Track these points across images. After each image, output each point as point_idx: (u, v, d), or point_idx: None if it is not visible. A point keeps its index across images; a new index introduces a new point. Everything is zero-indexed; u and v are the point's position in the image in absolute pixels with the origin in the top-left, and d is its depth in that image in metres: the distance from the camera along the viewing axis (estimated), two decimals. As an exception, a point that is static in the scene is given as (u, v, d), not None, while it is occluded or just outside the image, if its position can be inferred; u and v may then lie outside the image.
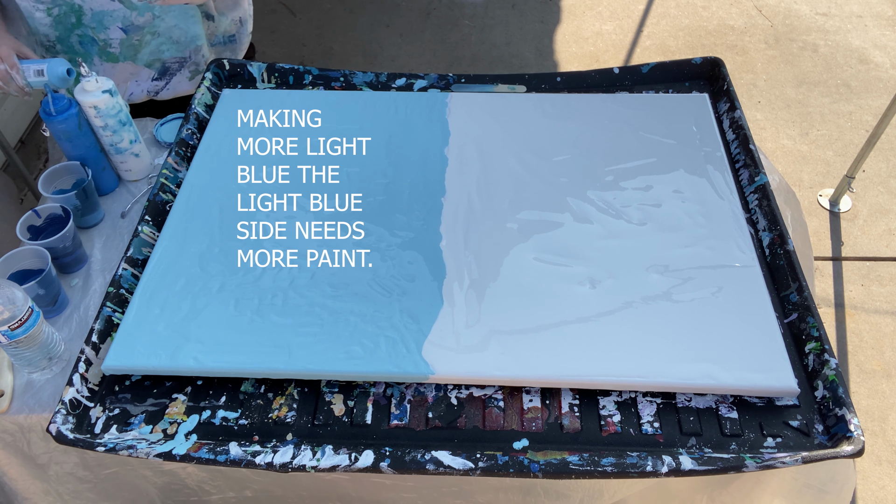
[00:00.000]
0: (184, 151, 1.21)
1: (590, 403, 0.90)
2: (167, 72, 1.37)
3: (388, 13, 3.10)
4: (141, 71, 1.36)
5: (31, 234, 1.09)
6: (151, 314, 0.97)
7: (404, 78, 1.35)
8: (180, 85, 1.41)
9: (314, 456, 0.84)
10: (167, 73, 1.37)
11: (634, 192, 1.12)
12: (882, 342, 1.92)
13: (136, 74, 1.36)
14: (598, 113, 1.25)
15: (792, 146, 2.47)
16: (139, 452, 0.84)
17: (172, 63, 1.36)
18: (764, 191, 1.10)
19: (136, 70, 1.36)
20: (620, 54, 2.88)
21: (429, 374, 0.90)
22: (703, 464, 0.81)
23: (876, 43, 2.85)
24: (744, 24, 2.97)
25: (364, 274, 1.01)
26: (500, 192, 1.13)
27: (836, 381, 0.88)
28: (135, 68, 1.35)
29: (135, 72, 1.36)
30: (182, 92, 1.42)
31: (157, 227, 1.10)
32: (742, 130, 1.20)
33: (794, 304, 0.97)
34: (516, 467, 0.82)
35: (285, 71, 1.35)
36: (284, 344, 0.93)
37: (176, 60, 1.36)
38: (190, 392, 0.93)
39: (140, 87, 1.39)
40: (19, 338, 0.90)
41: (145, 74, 1.37)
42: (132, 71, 1.36)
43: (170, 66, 1.37)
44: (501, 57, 2.87)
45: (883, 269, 2.10)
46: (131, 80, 1.37)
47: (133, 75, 1.36)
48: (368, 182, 1.15)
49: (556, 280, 1.00)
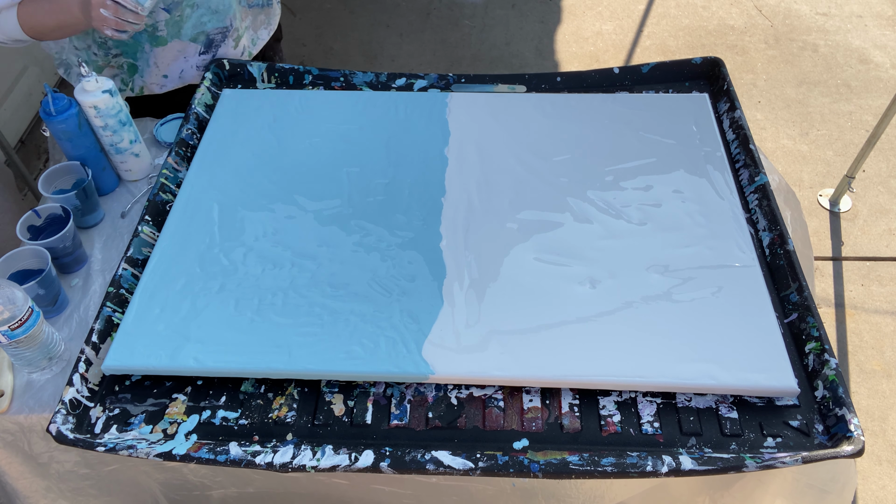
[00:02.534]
0: (184, 151, 1.21)
1: (590, 403, 0.90)
2: (212, 44, 1.36)
3: (388, 13, 3.10)
4: (188, 47, 1.35)
5: (31, 234, 1.09)
6: (151, 314, 0.97)
7: (404, 78, 1.35)
8: (226, 55, 1.40)
9: (314, 456, 0.84)
10: (213, 46, 1.36)
11: (634, 192, 1.12)
12: (882, 342, 1.92)
13: (184, 51, 1.35)
14: (598, 113, 1.25)
15: (792, 146, 2.47)
16: (139, 452, 0.84)
17: (216, 34, 1.35)
18: (764, 191, 1.10)
19: (182, 47, 1.34)
20: (620, 54, 2.88)
21: (429, 374, 0.90)
22: (703, 464, 0.81)
23: (876, 43, 2.85)
24: (744, 24, 2.97)
25: (364, 274, 1.01)
26: (500, 192, 1.13)
27: (836, 381, 0.88)
28: (182, 45, 1.34)
29: (182, 48, 1.35)
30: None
31: (157, 227, 1.10)
32: (742, 130, 1.20)
33: (794, 304, 0.97)
34: (516, 467, 0.82)
35: (285, 71, 1.35)
36: (284, 344, 0.93)
37: (219, 31, 1.35)
38: (190, 392, 0.93)
39: (189, 63, 1.37)
40: (19, 338, 0.90)
41: (192, 49, 1.36)
42: (179, 48, 1.34)
43: (214, 38, 1.35)
44: (501, 57, 2.87)
45: (883, 269, 2.10)
46: (179, 57, 1.36)
47: (181, 52, 1.35)
48: (368, 182, 1.15)
49: (556, 280, 1.00)
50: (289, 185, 1.15)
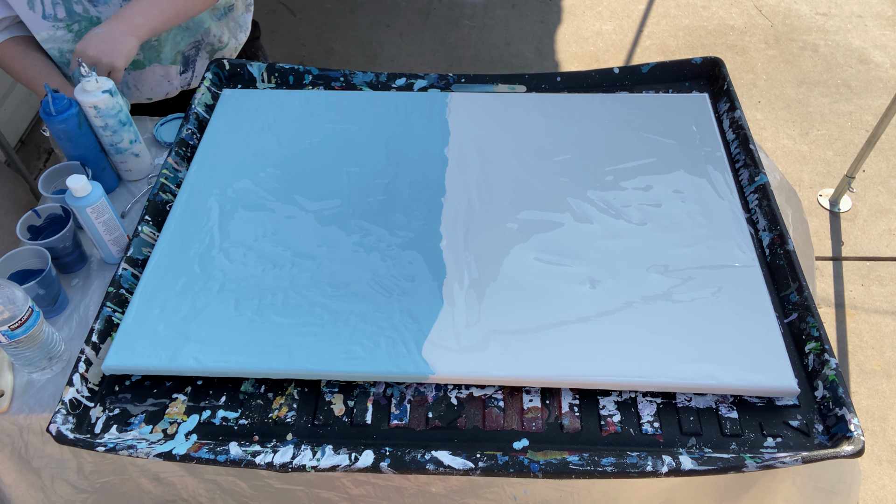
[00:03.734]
0: (184, 151, 1.21)
1: (590, 403, 0.90)
2: (188, 60, 1.37)
3: (388, 13, 3.10)
4: (169, 70, 1.36)
5: (31, 234, 1.09)
6: (151, 314, 0.97)
7: (404, 78, 1.35)
8: (204, 68, 1.40)
9: (314, 456, 0.84)
10: (189, 62, 1.37)
11: (634, 192, 1.12)
12: (882, 342, 1.92)
13: (167, 75, 1.37)
14: (598, 113, 1.25)
15: (792, 146, 2.47)
16: (139, 452, 0.84)
17: (190, 50, 1.36)
18: (764, 191, 1.10)
19: (164, 71, 1.36)
20: (620, 54, 2.88)
21: (429, 374, 0.90)
22: (703, 464, 0.81)
23: (876, 43, 2.85)
24: (744, 24, 2.97)
25: (364, 274, 1.01)
26: (500, 192, 1.13)
27: (836, 381, 0.88)
28: (163, 69, 1.35)
29: (164, 73, 1.36)
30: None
31: (157, 227, 1.10)
32: (742, 130, 1.20)
33: (794, 303, 0.97)
34: (516, 467, 0.82)
35: (285, 71, 1.35)
36: (284, 344, 0.93)
37: (192, 46, 1.36)
38: (190, 392, 0.93)
39: (173, 85, 1.39)
40: (19, 338, 0.90)
41: (174, 71, 1.37)
42: (161, 73, 1.36)
43: (189, 55, 1.36)
44: (501, 57, 2.87)
45: (883, 269, 2.10)
46: (163, 81, 1.37)
47: (164, 77, 1.37)
48: (368, 182, 1.15)
49: (557, 280, 1.00)
50: (289, 185, 1.15)
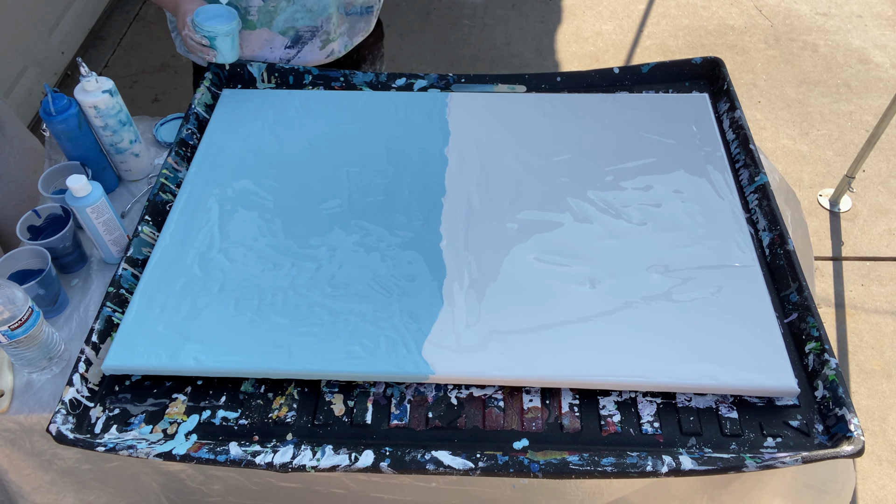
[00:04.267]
0: (184, 151, 1.21)
1: (590, 403, 0.90)
2: (299, 40, 1.37)
3: (388, 13, 3.10)
4: (275, 38, 1.36)
5: (31, 234, 1.09)
6: (151, 314, 0.97)
7: (404, 78, 1.35)
8: (311, 54, 1.40)
9: (314, 456, 0.84)
10: (299, 42, 1.37)
11: (634, 192, 1.12)
12: (882, 342, 1.92)
13: (271, 41, 1.36)
14: (598, 113, 1.25)
15: (792, 146, 2.47)
16: (139, 452, 0.84)
17: (305, 32, 1.36)
18: (764, 191, 1.10)
19: (270, 37, 1.35)
20: (620, 54, 2.88)
21: (429, 373, 0.90)
22: (703, 464, 0.81)
23: (876, 43, 2.85)
24: (744, 24, 2.97)
25: (364, 274, 1.01)
26: (500, 192, 1.13)
27: (836, 381, 0.88)
28: (270, 35, 1.35)
29: (269, 38, 1.36)
30: (312, 62, 1.41)
31: (157, 227, 1.10)
32: (742, 130, 1.20)
33: (794, 303, 0.97)
34: (516, 467, 0.82)
35: (285, 71, 1.35)
36: (284, 344, 0.93)
37: (308, 29, 1.36)
38: (190, 392, 0.93)
39: (273, 55, 1.38)
40: (19, 338, 0.90)
41: (279, 42, 1.37)
42: (267, 38, 1.35)
43: (302, 35, 1.36)
44: (501, 57, 2.87)
45: (883, 269, 2.10)
46: (266, 46, 1.37)
47: (268, 42, 1.36)
48: (368, 182, 1.15)
49: (556, 280, 1.00)
50: (289, 185, 1.15)
